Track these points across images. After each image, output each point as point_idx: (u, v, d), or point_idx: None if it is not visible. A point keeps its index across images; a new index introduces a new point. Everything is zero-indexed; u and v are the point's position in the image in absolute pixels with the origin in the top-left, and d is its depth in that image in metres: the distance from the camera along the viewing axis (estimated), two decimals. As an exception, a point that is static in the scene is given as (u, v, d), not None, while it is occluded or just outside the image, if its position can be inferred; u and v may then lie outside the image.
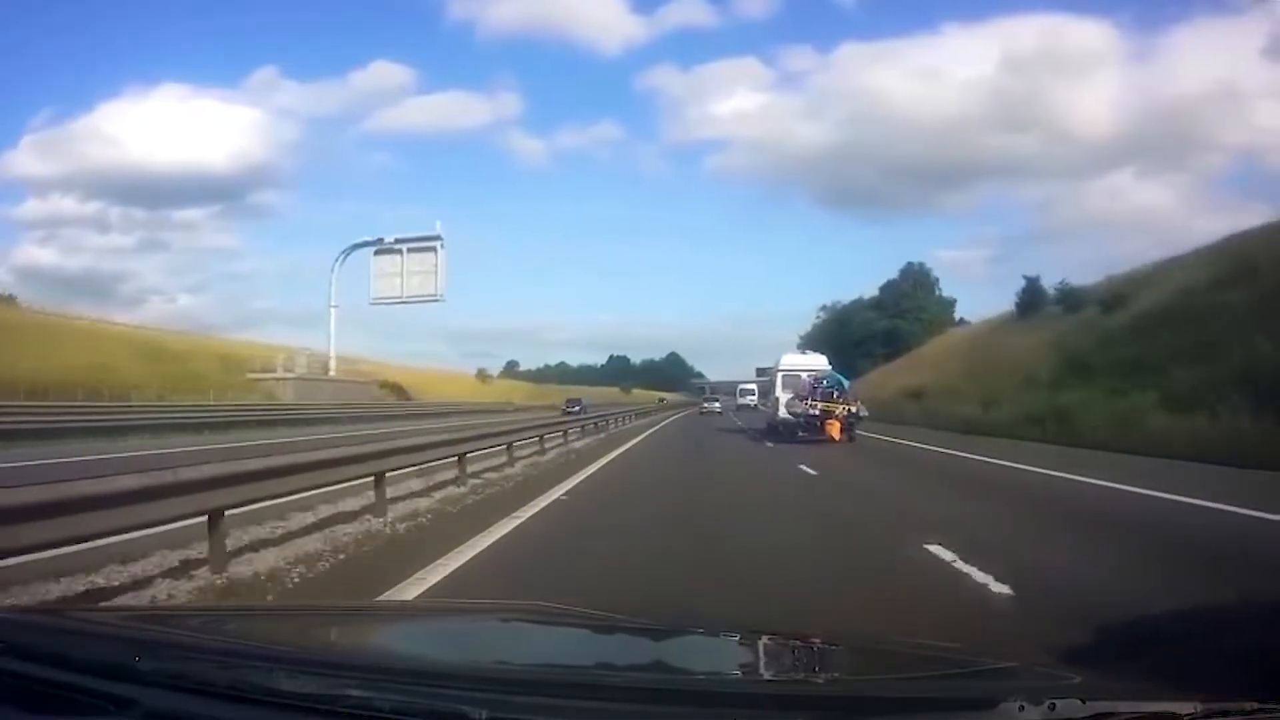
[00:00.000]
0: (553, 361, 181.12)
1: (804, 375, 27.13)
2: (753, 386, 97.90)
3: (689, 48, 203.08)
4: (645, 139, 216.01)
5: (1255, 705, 1.30)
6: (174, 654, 1.57)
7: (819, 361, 30.27)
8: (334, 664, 1.60)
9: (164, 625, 2.12)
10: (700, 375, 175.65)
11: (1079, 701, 1.27)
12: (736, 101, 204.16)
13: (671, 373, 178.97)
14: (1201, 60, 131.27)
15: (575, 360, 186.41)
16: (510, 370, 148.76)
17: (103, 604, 4.97)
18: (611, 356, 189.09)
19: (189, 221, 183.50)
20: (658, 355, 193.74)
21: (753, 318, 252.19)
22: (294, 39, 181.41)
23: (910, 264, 79.86)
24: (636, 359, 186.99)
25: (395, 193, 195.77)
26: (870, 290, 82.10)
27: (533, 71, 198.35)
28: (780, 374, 29.73)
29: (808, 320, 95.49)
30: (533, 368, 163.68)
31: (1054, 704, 1.25)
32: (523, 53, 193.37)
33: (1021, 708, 1.25)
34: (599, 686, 1.49)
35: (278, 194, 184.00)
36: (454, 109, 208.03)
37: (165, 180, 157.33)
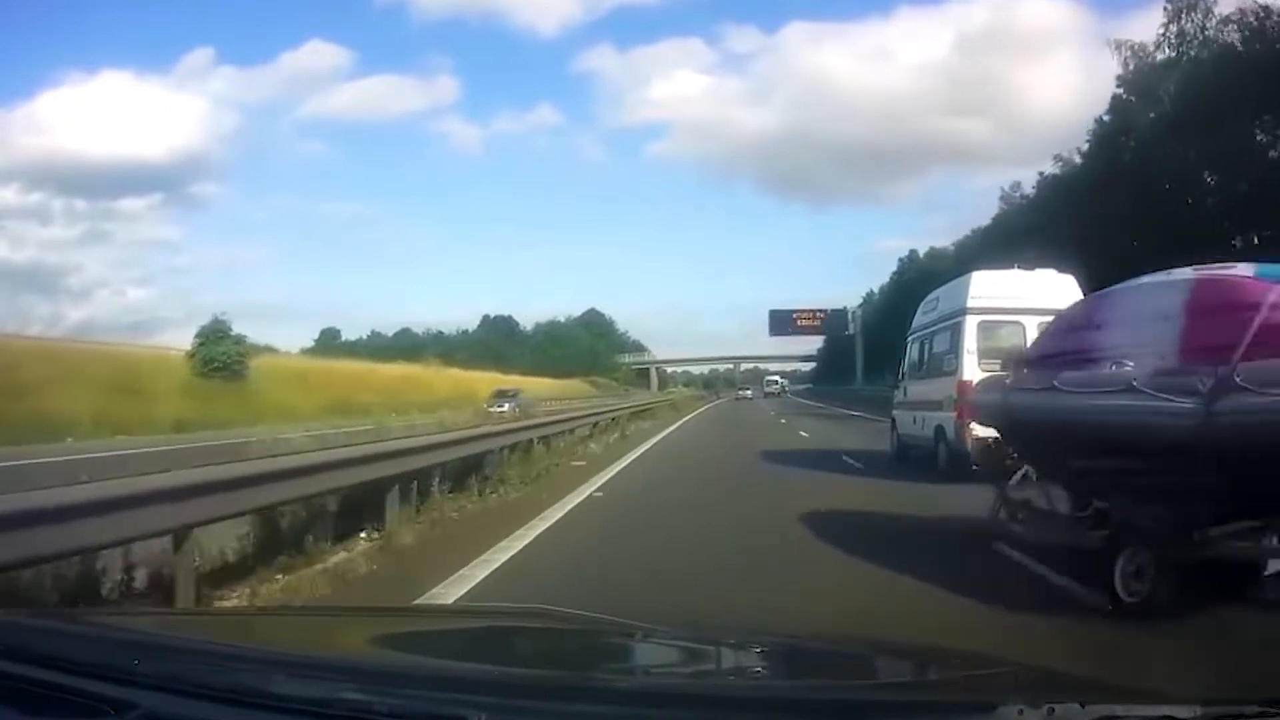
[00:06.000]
0: (388, 330, 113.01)
1: (1055, 314, 7.62)
2: (776, 376, 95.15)
3: (629, 27, 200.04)
4: (585, 124, 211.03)
5: (1257, 709, 1.29)
6: (173, 657, 1.57)
7: (1065, 289, 11.63)
8: (332, 668, 1.60)
9: (163, 628, 2.12)
10: (641, 347, 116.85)
11: (1078, 705, 1.25)
12: (679, 84, 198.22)
13: (589, 344, 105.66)
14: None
15: (423, 324, 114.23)
16: (327, 342, 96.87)
17: (101, 607, 4.96)
18: (486, 318, 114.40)
19: (130, 212, 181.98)
20: (565, 314, 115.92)
21: (697, 307, 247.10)
22: (227, 12, 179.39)
23: None
24: (529, 325, 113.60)
25: (332, 182, 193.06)
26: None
27: (468, 53, 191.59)
28: (971, 320, 12.06)
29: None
30: (353, 338, 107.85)
31: (1053, 708, 1.23)
32: (457, 32, 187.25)
33: (1020, 711, 1.24)
34: (600, 690, 1.49)
35: (217, 184, 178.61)
36: (390, 93, 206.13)
37: (105, 168, 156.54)
